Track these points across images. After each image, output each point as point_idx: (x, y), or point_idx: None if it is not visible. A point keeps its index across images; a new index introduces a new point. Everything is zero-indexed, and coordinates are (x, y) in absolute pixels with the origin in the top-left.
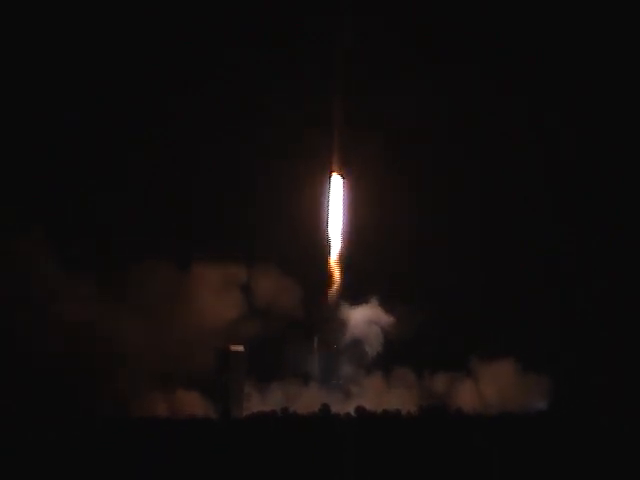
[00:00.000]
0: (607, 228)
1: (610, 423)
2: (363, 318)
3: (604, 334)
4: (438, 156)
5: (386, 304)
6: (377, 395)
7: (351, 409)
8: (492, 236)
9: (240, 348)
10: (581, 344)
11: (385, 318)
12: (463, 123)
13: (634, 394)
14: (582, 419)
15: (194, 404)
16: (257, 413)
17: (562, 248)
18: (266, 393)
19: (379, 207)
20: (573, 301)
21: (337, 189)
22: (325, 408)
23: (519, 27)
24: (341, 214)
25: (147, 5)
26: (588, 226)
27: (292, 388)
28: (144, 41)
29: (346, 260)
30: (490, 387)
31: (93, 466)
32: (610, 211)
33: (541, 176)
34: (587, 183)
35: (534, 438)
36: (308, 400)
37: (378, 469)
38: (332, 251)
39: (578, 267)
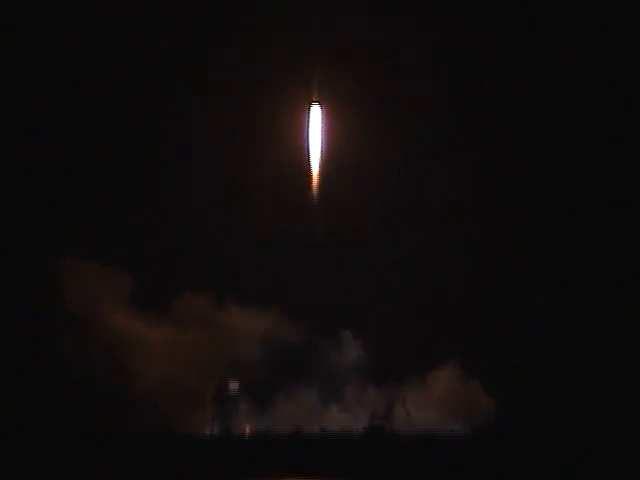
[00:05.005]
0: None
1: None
2: (338, 350)
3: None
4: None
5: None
6: (345, 411)
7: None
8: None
9: (236, 384)
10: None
11: (355, 350)
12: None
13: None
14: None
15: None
16: (250, 433)
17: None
18: (262, 415)
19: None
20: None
21: (316, 119)
22: (297, 429)
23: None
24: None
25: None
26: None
27: (280, 410)
28: None
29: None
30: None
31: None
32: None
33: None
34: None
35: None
36: (289, 420)
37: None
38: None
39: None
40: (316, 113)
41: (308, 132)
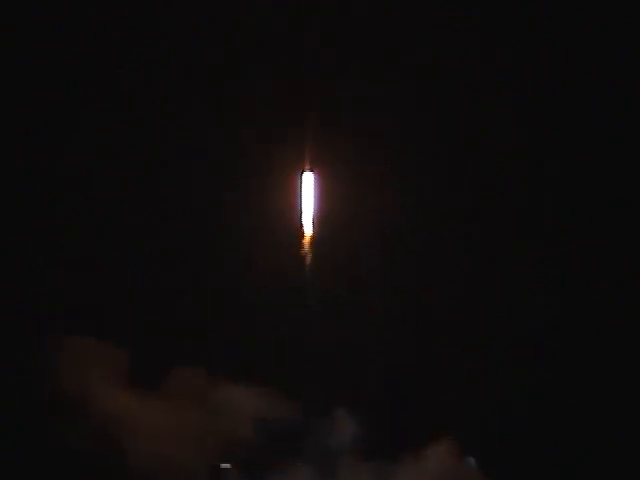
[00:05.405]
0: None
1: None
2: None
3: None
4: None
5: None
6: None
7: None
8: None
9: (228, 466)
10: None
11: (350, 428)
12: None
13: None
14: None
15: None
16: None
17: None
18: None
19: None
20: None
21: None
22: None
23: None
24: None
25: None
26: None
27: None
28: None
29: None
30: None
31: None
32: None
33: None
34: None
35: None
36: None
37: None
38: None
39: None
40: (309, 179)
41: (301, 198)
